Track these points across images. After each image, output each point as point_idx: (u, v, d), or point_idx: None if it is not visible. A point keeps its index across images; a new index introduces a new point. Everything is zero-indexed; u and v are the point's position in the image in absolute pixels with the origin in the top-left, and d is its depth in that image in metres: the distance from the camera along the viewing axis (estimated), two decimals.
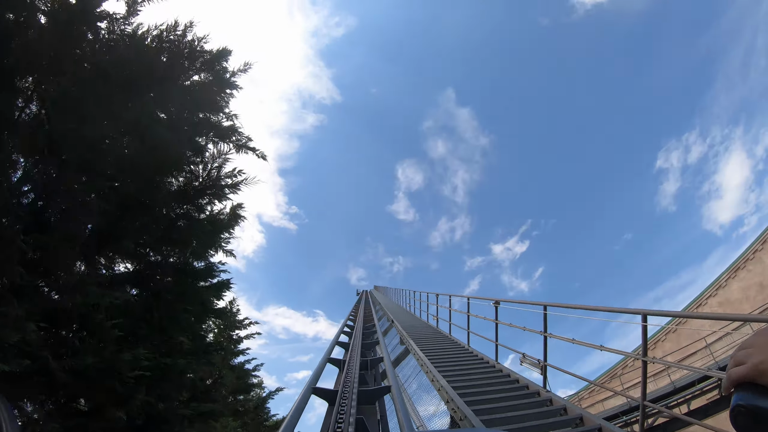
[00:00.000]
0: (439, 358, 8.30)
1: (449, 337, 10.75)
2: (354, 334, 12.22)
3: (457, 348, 9.41)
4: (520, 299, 10.65)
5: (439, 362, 7.82)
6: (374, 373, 7.72)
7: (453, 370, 7.23)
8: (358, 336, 11.28)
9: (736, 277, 23.28)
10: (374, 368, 7.75)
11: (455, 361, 8.08)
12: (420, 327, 12.91)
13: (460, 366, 7.67)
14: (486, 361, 7.94)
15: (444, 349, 9.33)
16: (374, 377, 7.65)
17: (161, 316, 5.05)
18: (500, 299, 7.92)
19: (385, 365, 7.50)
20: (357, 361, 7.75)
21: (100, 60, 5.10)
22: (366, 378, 7.42)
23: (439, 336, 11.08)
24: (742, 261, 23.41)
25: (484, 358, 8.15)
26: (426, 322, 14.09)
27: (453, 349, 9.32)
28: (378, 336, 12.15)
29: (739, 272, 23.28)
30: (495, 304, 7.90)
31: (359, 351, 9.58)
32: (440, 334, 11.33)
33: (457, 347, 9.51)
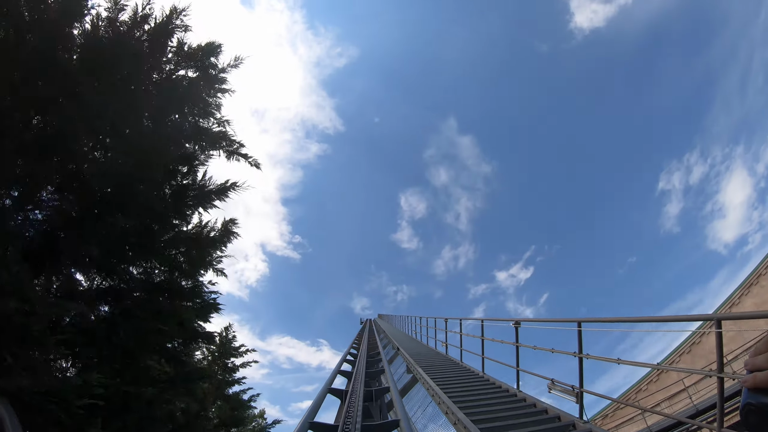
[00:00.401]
0: (452, 387, 7.35)
1: (461, 364, 9.77)
2: (357, 363, 11.24)
3: (472, 375, 8.45)
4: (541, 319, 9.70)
5: (453, 392, 6.88)
6: (380, 404, 6.79)
7: (469, 401, 6.29)
8: (362, 364, 10.33)
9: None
10: (380, 399, 6.83)
11: (471, 390, 7.13)
12: (428, 354, 11.91)
13: (477, 395, 6.73)
14: (506, 389, 6.99)
15: (457, 377, 8.37)
16: (380, 408, 6.72)
17: (128, 336, 4.26)
18: (521, 319, 7.07)
19: (391, 395, 6.60)
20: (360, 391, 6.87)
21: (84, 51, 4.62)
22: (371, 410, 6.49)
23: (449, 363, 10.09)
24: (754, 276, 22.40)
25: (503, 386, 7.20)
26: (434, 349, 13.07)
27: (467, 376, 8.35)
28: (383, 364, 11.15)
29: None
30: (515, 324, 7.03)
31: (363, 380, 8.62)
32: (450, 361, 10.35)
33: (471, 375, 8.55)
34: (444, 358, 11.11)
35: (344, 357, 11.19)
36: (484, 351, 8.58)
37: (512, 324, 7.07)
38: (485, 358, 8.51)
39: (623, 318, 4.63)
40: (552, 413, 5.42)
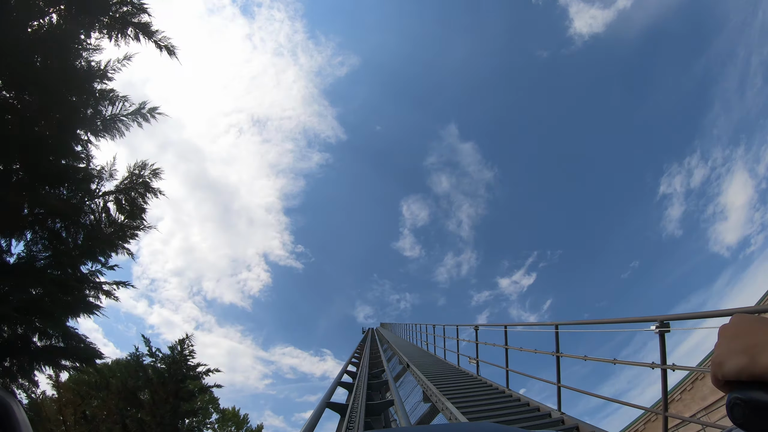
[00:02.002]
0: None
1: (516, 397, 7.17)
2: (356, 389, 8.75)
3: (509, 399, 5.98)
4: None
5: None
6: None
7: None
8: (362, 395, 7.83)
9: None
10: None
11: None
12: (449, 373, 9.30)
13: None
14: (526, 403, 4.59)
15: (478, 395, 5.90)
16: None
17: None
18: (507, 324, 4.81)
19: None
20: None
21: None
22: None
23: (476, 383, 7.53)
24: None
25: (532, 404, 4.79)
26: (456, 367, 10.31)
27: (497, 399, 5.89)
28: (389, 382, 8.68)
29: None
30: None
31: (362, 417, 6.20)
32: (482, 383, 7.78)
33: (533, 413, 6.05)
34: (467, 375, 8.60)
35: (337, 380, 8.60)
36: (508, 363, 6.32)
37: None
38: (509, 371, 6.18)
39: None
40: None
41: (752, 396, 0.45)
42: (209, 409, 24.63)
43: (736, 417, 0.46)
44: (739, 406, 0.45)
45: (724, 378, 0.48)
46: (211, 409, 24.49)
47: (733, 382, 0.48)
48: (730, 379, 0.48)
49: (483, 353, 8.51)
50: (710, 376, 0.51)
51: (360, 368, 11.70)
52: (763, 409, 0.44)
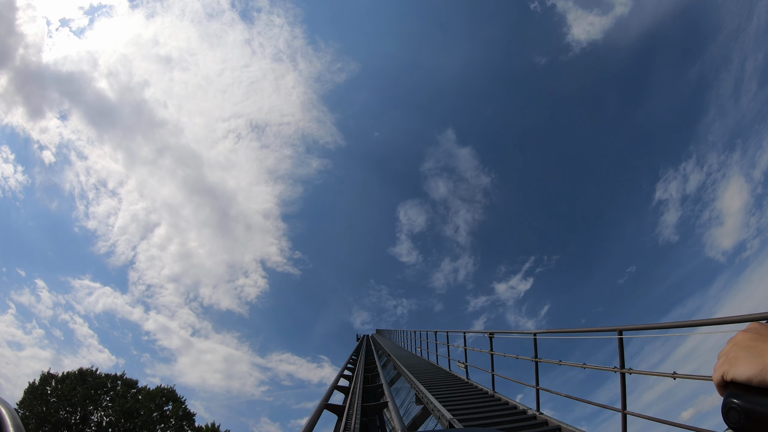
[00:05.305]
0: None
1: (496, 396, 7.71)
2: (351, 393, 8.94)
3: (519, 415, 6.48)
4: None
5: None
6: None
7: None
8: (357, 397, 8.11)
9: None
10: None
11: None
12: (441, 378, 9.73)
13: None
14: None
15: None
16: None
17: None
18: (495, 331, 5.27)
19: None
20: None
21: None
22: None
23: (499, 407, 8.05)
24: None
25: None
26: (451, 373, 10.71)
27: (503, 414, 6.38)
28: (383, 386, 8.96)
29: None
30: (489, 335, 5.16)
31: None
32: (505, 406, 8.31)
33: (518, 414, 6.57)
34: (457, 379, 9.10)
35: (336, 381, 8.88)
36: (494, 368, 6.67)
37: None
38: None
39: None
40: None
41: (752, 402, 0.45)
42: (183, 427, 23.59)
43: (731, 421, 0.46)
44: (736, 411, 0.46)
45: (732, 378, 0.48)
46: (185, 427, 23.71)
47: (735, 384, 0.48)
48: (739, 381, 0.48)
49: (476, 359, 8.92)
50: (714, 373, 0.51)
51: (356, 373, 12.11)
52: (760, 420, 0.44)
